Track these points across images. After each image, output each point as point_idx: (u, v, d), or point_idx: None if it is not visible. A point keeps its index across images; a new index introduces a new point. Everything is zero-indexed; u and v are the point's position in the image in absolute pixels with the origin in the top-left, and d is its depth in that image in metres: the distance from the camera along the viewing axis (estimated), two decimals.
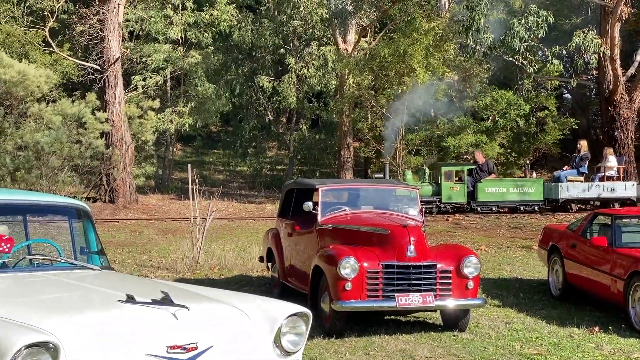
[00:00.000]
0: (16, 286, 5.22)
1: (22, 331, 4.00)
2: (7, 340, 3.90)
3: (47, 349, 3.96)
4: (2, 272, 5.39)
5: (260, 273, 13.76)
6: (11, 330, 4.03)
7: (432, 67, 25.48)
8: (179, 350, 4.43)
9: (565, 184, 23.08)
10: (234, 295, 5.45)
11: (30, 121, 23.39)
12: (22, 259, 5.73)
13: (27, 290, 5.14)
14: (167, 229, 20.15)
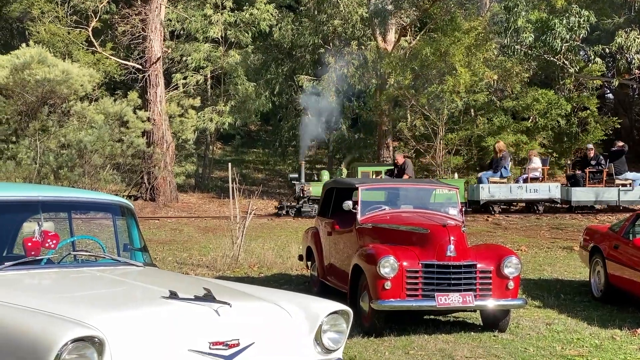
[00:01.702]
0: (62, 281, 5.31)
1: (69, 326, 4.07)
2: (54, 335, 3.97)
3: (93, 344, 4.02)
4: (48, 268, 5.47)
5: (299, 272, 13.81)
6: (58, 325, 4.09)
7: (472, 66, 25.35)
8: (221, 347, 4.47)
9: (487, 185, 22.93)
10: (275, 293, 5.48)
11: (73, 120, 23.71)
12: (67, 255, 5.81)
13: (73, 285, 5.22)
14: (207, 227, 20.30)
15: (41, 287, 5.18)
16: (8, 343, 4.10)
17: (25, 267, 5.34)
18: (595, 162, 23.58)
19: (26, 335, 4.06)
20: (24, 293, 4.83)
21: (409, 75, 26.82)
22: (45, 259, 5.51)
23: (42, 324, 4.13)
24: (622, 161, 23.80)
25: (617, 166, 23.38)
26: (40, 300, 4.53)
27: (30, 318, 4.22)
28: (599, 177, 23.18)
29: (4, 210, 5.79)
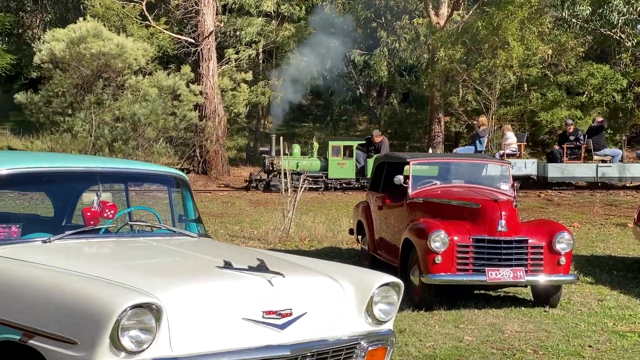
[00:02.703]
0: (120, 250, 5.45)
1: (128, 293, 4.19)
2: (114, 301, 4.10)
3: (151, 310, 4.13)
4: (107, 237, 5.62)
5: (349, 245, 13.89)
6: (118, 292, 4.22)
7: (526, 40, 25.05)
8: (274, 316, 4.56)
9: None
10: (327, 265, 5.56)
11: (127, 93, 24.03)
12: (124, 225, 5.95)
13: (130, 254, 5.36)
14: (258, 201, 20.47)
15: (100, 255, 5.33)
16: (69, 308, 4.24)
17: (85, 236, 5.49)
18: (574, 138, 23.25)
19: (87, 301, 4.19)
20: (84, 261, 4.98)
21: (461, 49, 26.60)
22: (103, 229, 5.65)
23: (103, 290, 4.27)
24: (601, 137, 23.45)
25: (596, 142, 23.00)
26: (100, 268, 4.67)
27: (91, 285, 4.36)
28: (577, 153, 22.85)
29: (65, 180, 5.97)
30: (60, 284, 4.43)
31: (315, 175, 22.32)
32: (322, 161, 22.82)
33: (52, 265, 4.70)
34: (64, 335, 4.14)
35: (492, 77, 25.81)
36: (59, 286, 4.41)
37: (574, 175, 22.44)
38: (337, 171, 22.48)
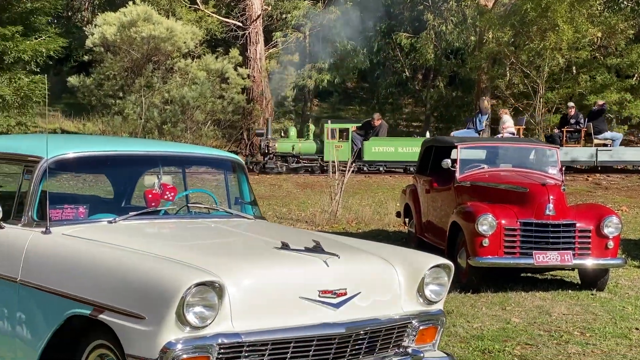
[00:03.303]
0: (180, 231, 5.67)
1: (192, 271, 4.40)
2: (179, 279, 4.31)
3: (214, 288, 4.34)
4: (167, 218, 5.84)
5: (396, 228, 14.03)
6: (182, 270, 4.44)
7: (575, 22, 24.83)
8: (329, 295, 4.74)
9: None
10: (380, 247, 5.73)
11: (176, 76, 24.37)
12: (183, 207, 6.18)
13: (190, 235, 5.57)
14: (305, 183, 20.67)
15: (162, 235, 5.56)
16: (138, 285, 4.47)
17: (147, 217, 5.71)
18: (574, 121, 22.99)
19: (155, 278, 4.42)
20: (148, 240, 5.21)
21: (509, 31, 26.44)
22: (163, 210, 5.87)
23: (170, 269, 4.48)
24: (601, 120, 23.14)
25: (596, 125, 22.70)
26: (164, 248, 4.90)
27: (158, 263, 4.58)
28: (577, 136, 22.61)
29: (127, 164, 6.21)
30: (129, 262, 4.67)
31: (310, 157, 22.35)
32: (318, 144, 22.82)
33: (119, 245, 4.94)
34: (133, 311, 4.37)
35: (540, 59, 25.63)
36: (127, 264, 4.65)
37: (574, 159, 22.20)
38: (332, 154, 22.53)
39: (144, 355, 4.30)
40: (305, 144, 22.53)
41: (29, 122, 20.24)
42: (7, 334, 5.23)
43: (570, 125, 22.87)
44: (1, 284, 5.29)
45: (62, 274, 4.91)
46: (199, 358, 4.31)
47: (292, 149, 22.19)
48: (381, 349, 5.03)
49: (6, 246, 5.37)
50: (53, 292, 4.87)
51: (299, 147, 22.50)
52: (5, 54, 18.28)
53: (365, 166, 22.30)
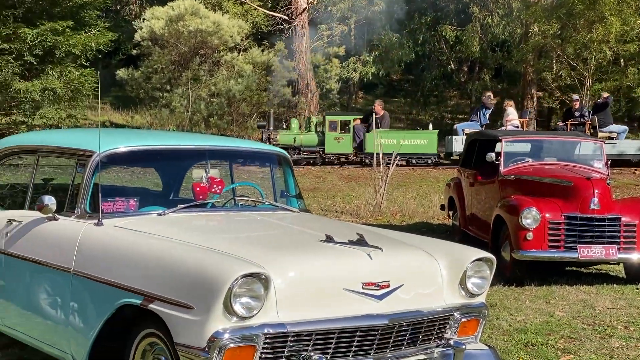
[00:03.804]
0: (227, 224, 5.80)
1: (239, 263, 4.52)
2: (226, 270, 4.44)
3: (260, 280, 4.45)
4: (214, 211, 5.97)
5: (440, 221, 14.07)
6: (229, 262, 4.56)
7: (624, 15, 24.53)
8: (372, 287, 4.83)
9: (460, 137, 21.77)
10: (422, 240, 5.80)
11: (223, 69, 24.60)
12: (230, 200, 6.31)
13: (237, 227, 5.70)
14: (349, 176, 20.75)
15: (210, 228, 5.69)
16: (187, 276, 4.60)
17: (195, 210, 5.86)
18: (579, 114, 22.65)
19: (203, 269, 4.55)
20: (197, 232, 5.35)
21: (555, 24, 26.21)
22: (210, 203, 6.01)
23: (216, 260, 4.62)
24: (606, 113, 22.75)
25: (601, 118, 22.31)
26: (212, 240, 5.03)
27: (206, 255, 4.72)
28: (581, 129, 22.14)
29: (176, 157, 6.37)
30: (177, 253, 4.81)
31: (312, 150, 22.36)
32: (320, 136, 22.71)
33: (167, 236, 5.09)
34: (182, 301, 4.51)
35: (587, 52, 25.38)
36: (176, 255, 4.79)
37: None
38: (334, 146, 22.29)
39: (192, 344, 4.43)
40: (306, 136, 22.49)
41: (79, 115, 20.58)
42: (61, 323, 5.40)
43: (574, 118, 22.62)
44: (55, 274, 5.47)
45: (113, 265, 5.07)
46: (245, 347, 4.43)
47: (293, 141, 22.12)
48: (423, 340, 5.11)
49: (60, 237, 5.56)
50: (105, 282, 5.04)
51: (301, 139, 22.44)
52: (56, 48, 18.61)
53: (368, 159, 22.23)
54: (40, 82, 18.58)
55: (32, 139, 7.26)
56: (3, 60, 17.91)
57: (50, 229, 5.65)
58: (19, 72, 18.24)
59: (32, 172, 6.45)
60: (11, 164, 7.49)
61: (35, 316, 5.70)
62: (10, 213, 6.21)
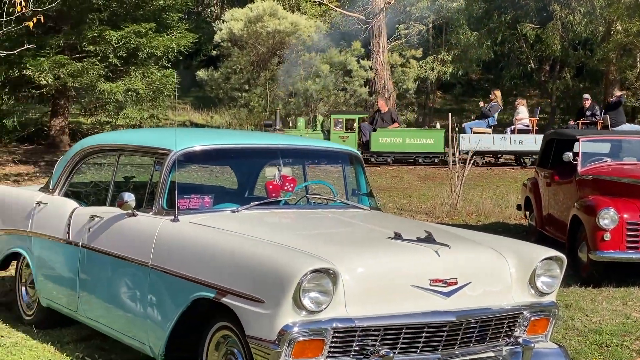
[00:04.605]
0: (299, 221, 5.94)
1: (309, 258, 4.64)
2: (295, 265, 4.56)
3: (329, 275, 4.57)
4: (286, 208, 6.13)
5: (517, 221, 13.96)
6: (299, 257, 4.69)
7: None
8: (440, 284, 4.89)
9: (468, 136, 21.30)
10: (491, 238, 5.82)
11: (300, 69, 24.82)
12: (302, 198, 6.45)
13: (309, 224, 5.82)
14: (426, 175, 20.70)
15: (282, 224, 5.84)
16: (258, 270, 4.75)
17: (268, 207, 6.01)
18: (590, 113, 21.95)
19: (273, 264, 4.69)
20: (269, 229, 5.49)
21: (638, 21, 25.64)
22: (283, 200, 6.16)
23: (286, 255, 4.75)
24: (619, 112, 21.90)
25: (613, 117, 21.44)
26: (283, 236, 5.17)
27: (277, 250, 4.85)
28: (593, 128, 21.30)
29: (250, 156, 6.54)
30: (250, 248, 4.96)
31: None
32: (325, 134, 22.47)
33: (240, 232, 5.24)
34: (253, 294, 4.65)
35: None
36: (249, 251, 4.93)
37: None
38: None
39: (263, 337, 4.57)
40: (312, 135, 22.31)
41: (160, 115, 21.04)
42: (139, 315, 5.61)
43: (585, 117, 22.09)
44: (134, 268, 5.69)
45: (188, 259, 5.25)
46: (314, 341, 4.54)
47: None
48: (492, 338, 5.14)
49: (138, 233, 5.77)
50: (180, 277, 5.22)
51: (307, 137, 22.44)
52: (139, 49, 19.07)
53: (373, 157, 21.98)
54: (123, 83, 19.06)
55: (113, 138, 7.54)
56: (89, 62, 18.43)
57: (129, 225, 5.87)
58: (104, 73, 18.75)
59: (113, 170, 6.69)
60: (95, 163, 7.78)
61: (116, 309, 5.93)
62: (93, 209, 6.47)
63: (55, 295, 6.78)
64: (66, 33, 19.18)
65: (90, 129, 22.02)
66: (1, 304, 8.10)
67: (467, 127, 22.72)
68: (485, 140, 21.60)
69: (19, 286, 7.54)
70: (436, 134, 22.29)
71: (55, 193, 7.10)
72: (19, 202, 7.52)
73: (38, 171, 18.29)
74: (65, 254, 6.54)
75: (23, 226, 7.19)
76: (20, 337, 6.86)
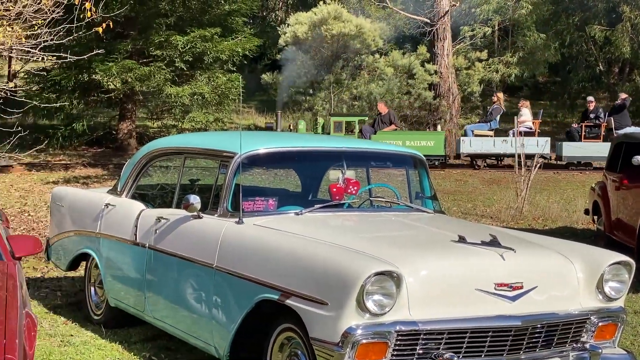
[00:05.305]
0: (362, 223, 5.94)
1: (372, 261, 4.64)
2: (360, 268, 4.57)
3: (392, 278, 4.56)
4: (350, 211, 6.14)
5: (585, 226, 13.73)
6: (363, 260, 4.69)
7: None
8: (505, 288, 4.84)
9: (468, 139, 20.93)
10: (558, 242, 5.74)
11: (364, 73, 24.82)
12: (365, 201, 6.45)
13: (372, 227, 5.82)
14: (491, 179, 20.49)
15: (345, 227, 5.85)
16: (321, 272, 4.77)
17: (331, 210, 6.03)
18: (594, 116, 21.31)
19: (337, 267, 4.70)
20: (332, 231, 5.51)
21: None
22: (347, 203, 6.17)
23: (350, 258, 4.75)
24: (623, 115, 21.21)
25: (618, 120, 20.79)
26: (346, 238, 5.18)
27: (340, 253, 4.86)
28: (596, 131, 20.95)
29: (313, 159, 6.57)
30: (313, 251, 4.98)
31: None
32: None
33: (304, 235, 5.26)
34: (316, 296, 4.67)
35: None
36: (312, 253, 4.96)
37: (591, 155, 20.60)
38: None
39: (326, 339, 4.58)
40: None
41: (225, 119, 21.25)
42: (204, 316, 5.68)
43: (589, 120, 21.56)
44: (199, 270, 5.76)
45: (252, 261, 5.29)
46: (377, 344, 4.54)
47: None
48: (558, 343, 5.08)
49: (204, 234, 5.84)
50: (245, 278, 5.27)
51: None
52: (205, 54, 19.31)
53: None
54: (189, 87, 19.32)
55: (179, 141, 7.65)
56: (156, 66, 18.72)
57: (195, 227, 5.95)
58: (170, 77, 19.03)
59: (179, 173, 6.79)
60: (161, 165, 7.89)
61: (182, 309, 6.01)
62: (159, 211, 6.57)
63: (123, 296, 6.91)
64: (134, 38, 19.53)
65: (157, 132, 22.35)
66: (71, 303, 8.28)
67: (469, 129, 22.58)
68: (486, 143, 21.54)
69: (88, 286, 7.70)
70: (436, 136, 22.07)
71: (123, 195, 7.23)
72: (88, 204, 7.68)
73: (106, 174, 18.64)
74: (133, 255, 6.66)
75: (92, 227, 7.35)
76: (89, 337, 7.01)
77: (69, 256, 7.88)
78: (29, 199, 15.11)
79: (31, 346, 4.18)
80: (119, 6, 15.24)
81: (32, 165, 19.09)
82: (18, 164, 18.04)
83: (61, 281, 9.33)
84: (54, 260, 8.38)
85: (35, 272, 9.74)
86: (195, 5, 19.60)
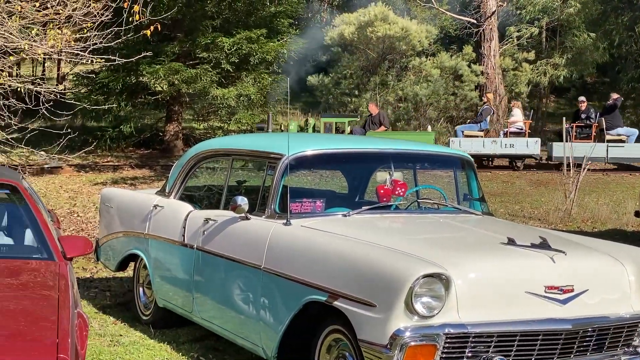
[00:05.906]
0: (410, 225, 5.91)
1: (421, 263, 4.62)
2: (407, 270, 4.55)
3: (441, 280, 4.53)
4: (397, 213, 6.11)
5: (635, 228, 13.51)
6: (411, 262, 4.67)
7: None
8: (555, 291, 4.78)
9: (458, 139, 20.47)
10: (609, 245, 5.66)
11: (410, 74, 24.75)
12: (413, 202, 6.41)
13: (420, 229, 5.79)
14: (538, 181, 20.28)
15: (393, 229, 5.82)
16: (369, 274, 4.75)
17: (378, 211, 6.01)
18: (585, 116, 20.91)
19: (385, 268, 4.68)
20: (380, 233, 5.49)
21: None
22: (394, 205, 6.14)
23: (398, 260, 4.73)
24: (614, 115, 20.87)
25: (609, 120, 20.47)
26: (394, 240, 5.15)
27: (388, 255, 4.84)
28: (587, 132, 20.54)
29: (361, 160, 6.56)
30: (361, 252, 4.96)
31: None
32: None
33: (352, 236, 5.25)
34: (364, 298, 4.66)
35: None
36: (360, 255, 4.94)
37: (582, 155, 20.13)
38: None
39: (374, 341, 4.56)
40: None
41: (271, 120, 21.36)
42: (252, 317, 5.69)
43: (581, 120, 21.16)
44: (247, 271, 5.78)
45: (300, 263, 5.29)
46: (426, 346, 4.50)
47: None
48: (610, 347, 5.01)
49: (251, 236, 5.86)
50: (292, 279, 5.27)
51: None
52: (250, 55, 19.41)
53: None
54: (235, 88, 19.43)
55: (226, 143, 7.68)
56: (202, 68, 18.87)
57: (242, 228, 5.97)
58: (216, 79, 19.15)
59: (226, 174, 6.81)
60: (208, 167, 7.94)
61: (229, 310, 6.03)
62: (207, 212, 6.60)
63: (171, 296, 6.96)
64: (180, 40, 19.70)
65: (203, 134, 22.51)
66: (120, 304, 8.37)
67: (459, 130, 22.31)
68: (475, 143, 21.20)
69: (137, 287, 7.77)
70: (426, 137, 21.74)
71: (171, 196, 7.28)
72: (136, 205, 7.75)
73: (153, 175, 18.82)
74: (181, 256, 6.70)
75: (140, 228, 7.41)
76: (138, 337, 7.07)
77: (118, 257, 7.96)
78: (77, 200, 15.32)
79: (83, 346, 4.23)
80: (166, 9, 15.39)
81: (81, 166, 19.34)
82: (67, 165, 18.29)
83: (110, 281, 9.43)
84: (103, 260, 8.47)
85: (84, 273, 9.86)
86: (241, 7, 19.71)
